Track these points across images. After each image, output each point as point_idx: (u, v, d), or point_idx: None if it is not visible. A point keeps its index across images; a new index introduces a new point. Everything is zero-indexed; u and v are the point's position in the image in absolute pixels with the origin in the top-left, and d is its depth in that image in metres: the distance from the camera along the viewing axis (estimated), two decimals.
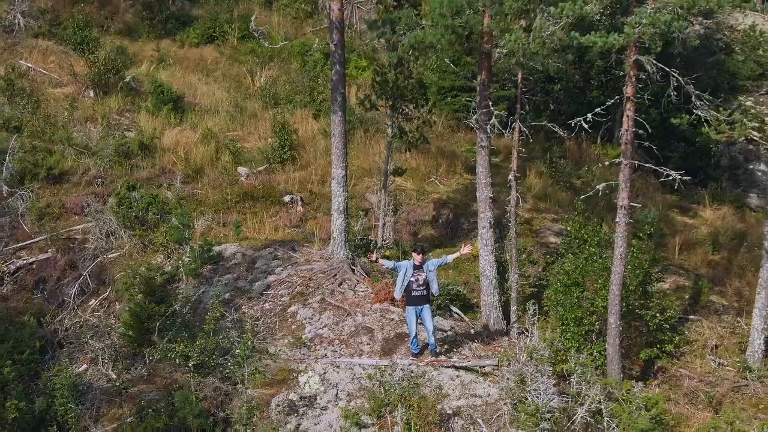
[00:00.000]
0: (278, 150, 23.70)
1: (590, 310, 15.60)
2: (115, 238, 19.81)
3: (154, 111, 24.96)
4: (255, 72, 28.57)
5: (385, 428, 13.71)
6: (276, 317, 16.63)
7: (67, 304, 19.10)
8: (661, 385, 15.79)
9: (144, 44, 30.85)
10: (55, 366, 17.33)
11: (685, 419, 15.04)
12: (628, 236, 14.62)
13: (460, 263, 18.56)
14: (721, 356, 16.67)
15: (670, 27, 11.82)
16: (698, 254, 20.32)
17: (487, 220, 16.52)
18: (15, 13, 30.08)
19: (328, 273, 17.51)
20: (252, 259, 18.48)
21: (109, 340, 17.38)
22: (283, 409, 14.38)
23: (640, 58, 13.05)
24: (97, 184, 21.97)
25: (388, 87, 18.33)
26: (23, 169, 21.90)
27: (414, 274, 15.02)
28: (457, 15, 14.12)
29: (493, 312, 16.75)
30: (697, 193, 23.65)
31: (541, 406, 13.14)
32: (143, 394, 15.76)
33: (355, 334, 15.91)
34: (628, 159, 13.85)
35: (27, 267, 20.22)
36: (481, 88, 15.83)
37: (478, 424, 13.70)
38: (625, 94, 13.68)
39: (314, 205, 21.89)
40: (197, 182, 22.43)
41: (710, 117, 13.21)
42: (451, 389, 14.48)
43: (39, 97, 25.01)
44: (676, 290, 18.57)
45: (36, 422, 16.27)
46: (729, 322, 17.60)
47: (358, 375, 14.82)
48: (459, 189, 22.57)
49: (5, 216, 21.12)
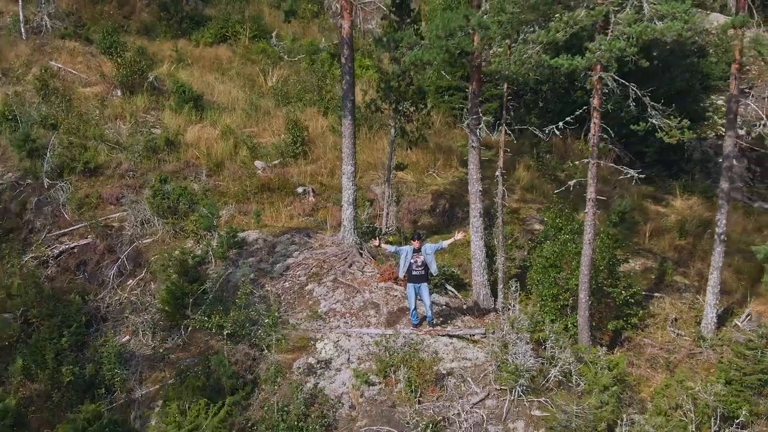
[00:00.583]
0: (291, 145, 26.42)
1: (565, 287, 18.43)
2: (149, 226, 22.58)
3: (176, 109, 27.55)
4: (267, 72, 31.26)
5: (389, 386, 16.58)
6: (295, 294, 19.52)
7: (107, 284, 21.86)
8: (626, 352, 18.60)
9: (161, 43, 33.38)
10: (101, 337, 20.20)
11: (645, 380, 17.91)
12: (596, 224, 17.41)
13: (455, 248, 21.33)
14: (680, 328, 19.52)
15: (623, 52, 14.58)
16: (666, 240, 23.11)
17: (478, 211, 19.35)
18: (42, 15, 32.54)
19: (340, 256, 20.37)
20: (272, 244, 21.33)
21: (148, 315, 20.20)
22: (303, 371, 17.27)
23: (603, 75, 15.83)
24: (129, 177, 24.67)
25: (392, 93, 21.11)
26: (62, 163, 24.53)
27: (413, 257, 17.85)
28: (451, 36, 16.84)
29: (482, 290, 19.60)
30: (670, 184, 26.46)
31: (520, 367, 15.99)
32: (181, 360, 18.61)
33: (363, 308, 18.81)
34: (595, 159, 16.62)
35: (69, 251, 22.99)
36: (472, 96, 18.62)
37: (467, 381, 16.56)
38: (592, 104, 16.46)
39: (324, 196, 24.65)
40: (219, 175, 25.18)
41: (663, 124, 15.94)
42: (446, 354, 17.35)
43: (71, 97, 27.75)
44: (644, 271, 21.41)
45: (86, 385, 19.15)
46: (688, 299, 20.43)
47: (367, 342, 17.69)
48: (455, 181, 25.34)
49: (48, 206, 23.88)
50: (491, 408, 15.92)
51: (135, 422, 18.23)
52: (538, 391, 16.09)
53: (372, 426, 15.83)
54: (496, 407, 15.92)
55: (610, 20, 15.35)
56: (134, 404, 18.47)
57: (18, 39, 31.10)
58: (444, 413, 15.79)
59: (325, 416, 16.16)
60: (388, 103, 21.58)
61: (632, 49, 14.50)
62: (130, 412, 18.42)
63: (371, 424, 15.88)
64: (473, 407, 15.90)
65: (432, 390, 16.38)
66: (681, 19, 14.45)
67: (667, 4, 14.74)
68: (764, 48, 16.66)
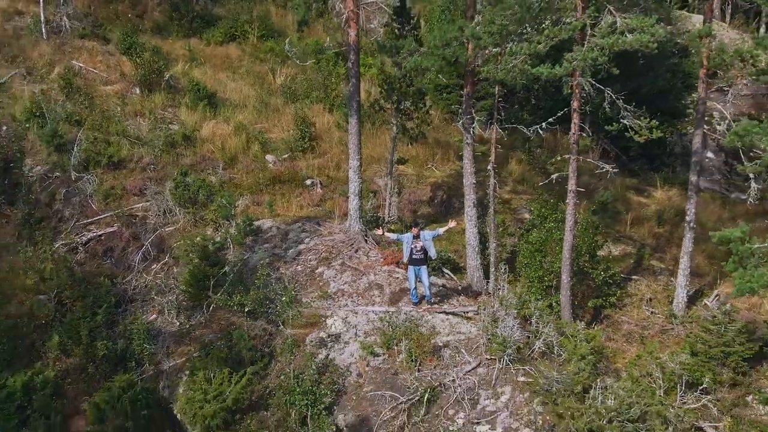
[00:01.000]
0: (299, 140, 28.68)
1: (549, 270, 20.75)
2: (171, 215, 24.87)
3: (192, 106, 29.81)
4: (276, 70, 33.49)
5: (392, 356, 18.92)
6: (307, 276, 21.84)
7: (133, 268, 24.13)
8: (605, 328, 20.92)
9: (174, 42, 35.55)
10: (130, 316, 22.50)
11: (621, 353, 20.22)
12: (577, 213, 19.70)
13: (452, 235, 23.63)
14: (654, 307, 21.83)
15: (596, 62, 16.83)
16: (646, 228, 25.40)
17: (472, 201, 21.63)
18: (61, 16, 34.68)
19: (346, 243, 22.69)
20: (285, 231, 23.65)
21: (172, 296, 22.48)
22: (315, 344, 19.60)
23: (581, 80, 18.09)
24: (150, 170, 26.94)
25: (394, 93, 23.37)
26: (88, 157, 26.77)
27: (413, 243, 20.15)
28: (447, 46, 19.11)
29: (476, 273, 21.91)
30: (651, 176, 28.75)
31: (507, 339, 18.30)
32: (205, 335, 20.89)
33: (368, 289, 21.13)
34: (574, 156, 18.90)
35: (96, 238, 25.28)
36: (466, 98, 20.91)
37: (461, 352, 18.87)
38: (572, 106, 18.73)
39: (331, 188, 26.92)
40: (233, 168, 27.47)
41: (634, 124, 18.20)
42: (442, 328, 19.67)
43: (93, 95, 29.99)
44: (624, 256, 23.73)
45: (118, 359, 21.46)
46: (663, 281, 22.73)
47: (372, 319, 20.01)
48: (452, 174, 27.62)
49: (76, 196, 26.15)
50: (482, 375, 18.23)
51: (163, 391, 20.54)
52: (523, 360, 18.40)
53: (377, 391, 18.16)
54: (486, 374, 18.23)
55: (586, 33, 17.60)
56: (162, 375, 20.78)
57: (39, 39, 33.21)
58: (440, 380, 18.11)
59: (335, 383, 18.50)
60: (390, 103, 23.83)
61: (604, 59, 16.73)
62: (159, 382, 20.72)
63: (376, 390, 18.21)
64: (466, 374, 18.21)
65: (430, 360, 18.70)
66: (648, 33, 16.67)
67: (636, 19, 16.99)
68: (726, 55, 18.88)
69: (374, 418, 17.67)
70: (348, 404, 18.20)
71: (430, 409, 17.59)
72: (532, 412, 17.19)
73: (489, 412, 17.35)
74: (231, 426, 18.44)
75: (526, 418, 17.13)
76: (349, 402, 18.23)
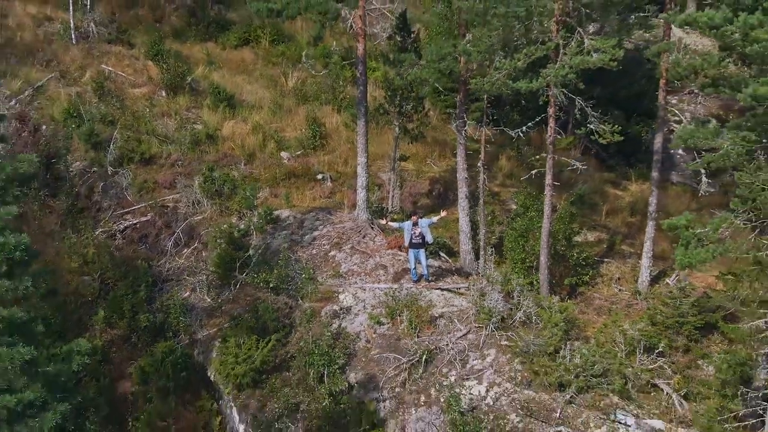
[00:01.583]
0: (310, 139, 32.32)
1: (531, 253, 24.46)
2: (199, 206, 28.54)
3: (213, 107, 33.49)
4: (288, 74, 37.12)
5: (395, 325, 22.64)
6: (321, 259, 25.59)
7: (166, 252, 27.83)
8: (578, 302, 24.59)
9: (191, 46, 39.13)
10: (166, 294, 26.26)
11: (592, 323, 23.90)
12: (553, 203, 23.38)
13: (447, 223, 27.28)
14: (622, 285, 25.53)
15: (566, 77, 20.47)
16: (620, 217, 29.10)
17: (464, 194, 25.32)
18: (89, 22, 38.32)
19: (355, 230, 26.42)
20: (300, 220, 27.37)
21: (202, 276, 26.14)
22: (330, 315, 23.31)
23: (555, 91, 21.76)
24: (179, 166, 30.66)
25: (396, 99, 27.07)
26: (122, 154, 30.52)
27: (412, 230, 23.83)
28: (442, 60, 22.81)
29: (467, 255, 25.62)
30: (627, 172, 32.44)
31: (493, 310, 22.01)
32: (233, 309, 24.56)
33: (374, 269, 24.87)
34: (550, 154, 22.57)
35: (132, 227, 29.01)
36: (459, 104, 24.60)
37: (454, 321, 22.58)
38: (549, 113, 22.40)
39: (340, 181, 30.58)
40: (252, 164, 31.16)
41: (599, 129, 21.86)
42: (438, 302, 23.39)
43: (123, 97, 33.71)
44: (598, 242, 27.44)
45: (157, 330, 25.22)
46: (631, 263, 26.40)
47: (378, 294, 23.73)
48: (448, 169, 31.31)
49: (113, 189, 29.89)
50: (471, 340, 21.94)
51: (198, 357, 24.32)
52: (506, 327, 22.10)
53: (382, 354, 21.90)
54: (474, 339, 21.93)
55: (559, 51, 21.27)
56: (197, 343, 24.54)
57: (69, 44, 36.86)
58: (436, 344, 21.81)
59: (347, 347, 22.24)
60: (393, 107, 27.51)
61: (573, 75, 20.38)
62: (194, 350, 24.50)
63: (382, 353, 21.95)
64: (458, 340, 21.92)
65: (427, 328, 22.44)
66: (609, 53, 20.34)
67: (599, 41, 20.67)
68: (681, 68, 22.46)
69: (380, 376, 21.41)
70: (358, 365, 21.95)
71: (427, 368, 21.27)
72: (512, 369, 20.89)
73: (476, 369, 21.06)
74: (258, 384, 22.24)
75: (508, 374, 20.83)
76: (359, 363, 21.98)
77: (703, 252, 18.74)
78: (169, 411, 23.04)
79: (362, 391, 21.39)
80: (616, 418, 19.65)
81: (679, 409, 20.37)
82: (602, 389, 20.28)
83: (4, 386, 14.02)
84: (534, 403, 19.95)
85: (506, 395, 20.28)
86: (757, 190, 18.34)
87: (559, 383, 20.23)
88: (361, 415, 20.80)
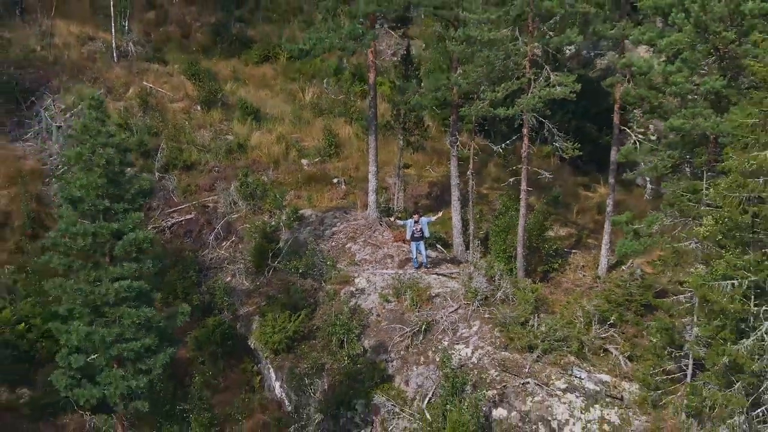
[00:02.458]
0: (326, 147, 38.39)
1: (511, 245, 30.70)
2: (236, 206, 34.74)
3: (241, 120, 39.67)
4: (304, 89, 43.30)
5: (401, 302, 28.90)
6: (339, 250, 31.90)
7: (208, 245, 34.01)
8: (548, 285, 30.78)
9: (217, 62, 45.16)
10: (211, 279, 32.51)
11: (559, 302, 30.10)
12: (528, 204, 29.61)
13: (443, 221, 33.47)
14: (585, 272, 31.73)
15: (536, 106, 26.64)
16: (588, 216, 35.33)
17: (456, 196, 31.59)
18: (128, 42, 44.50)
19: (367, 226, 32.73)
20: (321, 218, 33.68)
21: (240, 264, 32.45)
22: (347, 295, 29.59)
23: (528, 116, 27.96)
24: (216, 172, 36.91)
25: (400, 118, 33.38)
26: (167, 162, 36.78)
27: (414, 226, 30.10)
28: (438, 90, 29.14)
29: (459, 247, 31.90)
30: (598, 176, 38.63)
31: (478, 290, 28.32)
32: (269, 291, 30.80)
33: (383, 258, 31.20)
34: (525, 165, 28.79)
35: (178, 223, 35.24)
36: (452, 123, 30.90)
37: (447, 299, 28.81)
38: (523, 132, 28.64)
39: (352, 185, 36.68)
40: (277, 170, 37.39)
41: (562, 146, 28.06)
42: (435, 284, 29.66)
43: (164, 111, 39.88)
44: (569, 236, 33.66)
45: (205, 308, 31.49)
46: (594, 254, 32.57)
47: (386, 278, 30.00)
48: (444, 175, 37.27)
49: (161, 192, 36.07)
50: (461, 314, 28.19)
51: (240, 329, 30.65)
52: (488, 304, 28.32)
53: (390, 325, 28.18)
54: (463, 313, 28.16)
55: (531, 85, 27.52)
56: (239, 318, 30.84)
57: (111, 62, 42.90)
58: (433, 317, 28.06)
59: (362, 320, 28.48)
60: (398, 123, 33.81)
61: (541, 104, 26.61)
62: (237, 323, 30.82)
63: (390, 324, 28.23)
64: (450, 314, 28.18)
65: (426, 304, 28.73)
66: (569, 87, 26.56)
67: (562, 77, 26.89)
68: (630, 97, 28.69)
69: (388, 342, 27.74)
70: (371, 333, 28.29)
71: (426, 336, 27.56)
72: (492, 336, 27.15)
73: (464, 337, 27.35)
74: (291, 349, 28.51)
75: (489, 340, 27.06)
76: (372, 332, 28.32)
77: (636, 244, 25.15)
78: (218, 372, 29.27)
79: (374, 354, 27.68)
80: (572, 373, 25.88)
81: (624, 367, 26.54)
82: (562, 351, 26.45)
83: (131, 336, 20.41)
84: (509, 361, 26.21)
85: (487, 356, 26.51)
86: (677, 195, 24.55)
87: (529, 346, 26.46)
88: (374, 372, 27.00)
